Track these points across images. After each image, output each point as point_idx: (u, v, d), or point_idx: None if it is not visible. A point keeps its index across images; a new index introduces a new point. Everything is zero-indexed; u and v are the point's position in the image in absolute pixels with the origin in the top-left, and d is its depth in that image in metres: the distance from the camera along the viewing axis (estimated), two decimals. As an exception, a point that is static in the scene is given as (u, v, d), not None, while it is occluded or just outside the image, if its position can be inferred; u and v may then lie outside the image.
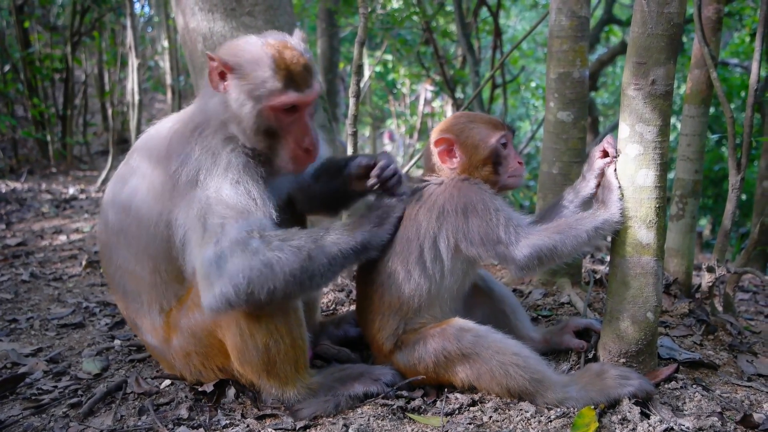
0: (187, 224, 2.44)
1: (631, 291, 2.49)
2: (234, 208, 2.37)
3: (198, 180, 2.44)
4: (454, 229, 2.52)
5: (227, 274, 2.30)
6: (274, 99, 2.48)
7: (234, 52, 2.53)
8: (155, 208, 2.54)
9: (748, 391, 2.54)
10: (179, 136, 2.56)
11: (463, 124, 2.69)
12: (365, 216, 2.58)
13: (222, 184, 2.42)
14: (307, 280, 2.37)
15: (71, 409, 2.70)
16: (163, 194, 2.52)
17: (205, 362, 2.66)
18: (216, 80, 2.52)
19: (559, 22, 3.37)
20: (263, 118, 2.50)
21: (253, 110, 2.49)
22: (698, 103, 3.49)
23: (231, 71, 2.48)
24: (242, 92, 2.49)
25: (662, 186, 2.43)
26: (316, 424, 2.44)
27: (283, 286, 2.33)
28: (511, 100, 15.16)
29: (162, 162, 2.54)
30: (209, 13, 4.35)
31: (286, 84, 2.48)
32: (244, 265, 2.29)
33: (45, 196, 7.85)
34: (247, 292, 2.30)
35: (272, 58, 2.47)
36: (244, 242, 2.31)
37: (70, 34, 9.49)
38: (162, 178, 2.53)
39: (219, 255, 2.31)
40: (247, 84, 2.48)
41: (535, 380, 2.42)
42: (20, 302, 4.16)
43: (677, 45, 2.37)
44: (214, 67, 2.50)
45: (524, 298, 3.55)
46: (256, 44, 2.53)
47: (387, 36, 11.09)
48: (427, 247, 2.55)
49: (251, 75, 2.47)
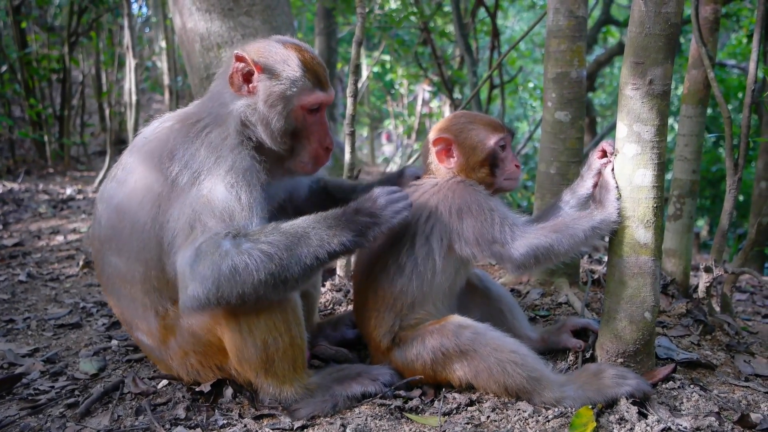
0: (177, 227, 2.43)
1: (628, 291, 2.49)
2: (219, 211, 2.36)
3: (197, 180, 2.43)
4: (447, 229, 2.53)
5: (198, 277, 2.28)
6: (305, 98, 2.54)
7: (259, 53, 2.54)
8: (150, 212, 2.52)
9: (746, 391, 2.54)
10: (182, 137, 2.54)
11: (462, 124, 2.69)
12: (351, 217, 2.43)
13: (217, 186, 2.40)
14: (280, 284, 2.32)
15: (68, 409, 2.70)
16: (161, 196, 2.50)
17: (203, 361, 2.65)
18: (239, 82, 2.54)
19: (556, 22, 3.37)
20: (292, 119, 2.55)
21: (284, 110, 2.53)
22: (696, 104, 3.50)
23: (261, 72, 2.51)
24: (273, 93, 2.52)
25: (660, 186, 2.43)
26: (314, 424, 2.44)
27: (253, 290, 2.29)
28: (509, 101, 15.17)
29: (162, 164, 2.52)
30: (207, 13, 4.35)
31: (314, 84, 2.55)
32: (213, 269, 2.26)
33: (42, 196, 7.83)
34: (217, 295, 2.28)
35: (299, 59, 2.54)
36: (215, 244, 2.29)
37: (68, 34, 9.47)
38: (160, 180, 2.51)
39: (193, 256, 2.30)
40: (279, 84, 2.51)
41: (532, 378, 2.42)
42: (17, 302, 4.15)
43: (675, 45, 2.38)
44: (241, 69, 2.52)
45: (522, 297, 3.55)
46: (277, 46, 2.57)
47: (385, 36, 11.08)
48: (419, 246, 2.55)
49: (282, 75, 2.51)
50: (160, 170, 2.51)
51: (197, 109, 2.68)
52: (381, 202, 2.44)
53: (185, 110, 2.74)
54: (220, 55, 4.38)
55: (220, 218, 2.35)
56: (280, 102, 2.53)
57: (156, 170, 2.53)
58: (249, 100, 2.54)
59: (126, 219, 2.58)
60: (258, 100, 2.53)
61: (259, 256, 2.27)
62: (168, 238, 2.46)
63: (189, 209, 2.40)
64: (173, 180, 2.47)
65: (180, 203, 2.44)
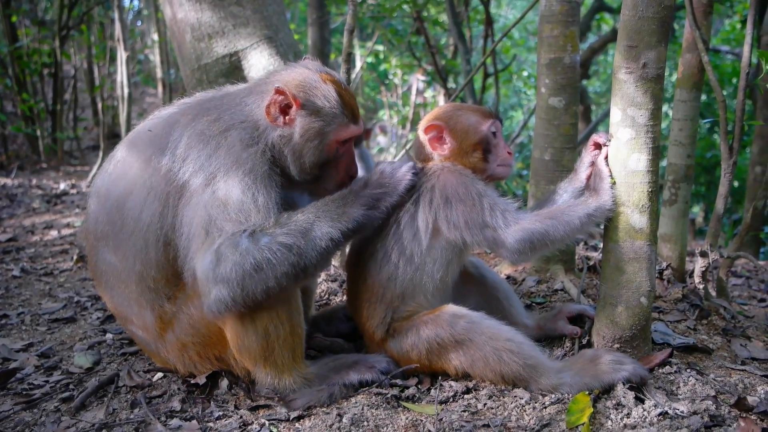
0: (191, 231, 2.42)
1: (624, 276, 2.48)
2: (235, 213, 2.36)
3: (212, 182, 2.41)
4: (434, 212, 2.52)
5: (221, 279, 2.29)
6: (341, 133, 2.59)
7: (299, 87, 2.55)
8: (155, 210, 2.49)
9: (742, 375, 2.54)
10: (197, 137, 2.50)
11: (451, 111, 2.71)
12: (359, 192, 2.50)
13: (233, 188, 2.39)
14: (300, 273, 2.36)
15: (63, 403, 2.69)
16: (168, 196, 2.48)
17: (201, 352, 2.64)
18: (275, 113, 2.54)
19: (549, 6, 3.35)
20: (325, 152, 2.59)
21: (320, 145, 2.57)
22: (690, 88, 3.48)
23: (300, 107, 2.53)
24: (312, 128, 2.55)
25: (654, 170, 2.42)
26: (310, 414, 2.44)
27: (276, 283, 2.32)
28: (503, 90, 15.13)
29: (172, 162, 2.49)
30: (197, 3, 4.30)
31: (350, 119, 2.60)
32: (236, 270, 2.27)
33: (36, 191, 7.79)
34: (243, 294, 2.30)
35: (338, 94, 2.58)
36: (234, 244, 2.29)
37: (58, 28, 9.40)
38: (167, 179, 2.48)
39: (214, 260, 2.30)
40: (318, 120, 2.55)
41: (529, 366, 2.42)
42: (11, 297, 4.13)
43: (668, 28, 2.36)
44: (279, 101, 2.52)
45: (518, 285, 3.54)
46: (315, 78, 2.59)
47: (378, 26, 11.04)
48: (405, 228, 2.55)
49: (322, 111, 2.55)
50: (170, 170, 2.48)
51: (210, 107, 2.63)
52: (387, 171, 2.52)
53: (192, 105, 2.69)
54: (212, 45, 4.35)
55: (236, 220, 2.35)
56: (317, 137, 2.56)
57: (163, 170, 2.49)
58: (283, 131, 2.55)
59: (127, 216, 2.55)
60: (294, 132, 2.55)
61: (279, 249, 2.29)
62: (181, 242, 2.46)
63: (203, 212, 2.39)
64: (185, 181, 2.45)
65: (193, 205, 2.42)
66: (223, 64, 4.36)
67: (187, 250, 2.44)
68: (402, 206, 2.56)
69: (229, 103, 2.63)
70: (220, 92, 2.77)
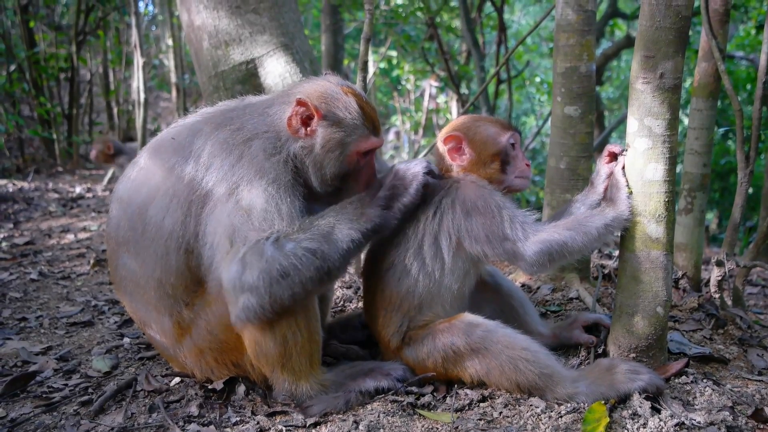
0: (214, 241, 2.44)
1: (640, 286, 2.48)
2: (259, 222, 2.38)
3: (235, 191, 2.44)
4: (456, 227, 2.53)
5: (248, 288, 2.31)
6: (362, 144, 2.61)
7: (320, 98, 2.58)
8: (178, 219, 2.51)
9: (759, 385, 2.53)
10: (220, 145, 2.53)
11: (470, 122, 2.73)
12: (374, 194, 2.54)
13: (257, 198, 2.41)
14: (325, 276, 2.38)
15: (82, 407, 2.71)
16: (192, 204, 2.50)
17: (218, 358, 2.66)
18: (297, 125, 2.56)
19: (565, 16, 3.36)
20: (346, 163, 2.61)
21: (341, 156, 2.59)
22: (706, 96, 3.47)
23: (322, 118, 2.55)
24: (333, 139, 2.57)
25: (671, 180, 2.42)
26: (326, 420, 2.45)
27: (302, 288, 2.34)
28: (516, 96, 15.12)
29: (195, 171, 2.51)
30: (214, 11, 4.35)
31: (371, 130, 2.63)
32: (263, 277, 2.29)
33: (52, 195, 7.87)
34: (270, 301, 2.32)
35: (359, 106, 2.60)
36: (259, 252, 2.31)
37: (75, 33, 9.51)
38: (191, 187, 2.50)
39: (240, 269, 2.32)
40: (339, 131, 2.57)
41: (544, 375, 2.42)
42: (29, 301, 4.18)
43: (685, 38, 2.36)
44: (301, 112, 2.55)
45: (533, 293, 3.55)
46: (337, 90, 2.62)
47: (391, 32, 11.07)
48: (427, 244, 2.56)
49: (343, 123, 2.57)
50: (193, 179, 2.51)
51: (233, 117, 2.65)
52: (400, 172, 2.56)
53: (215, 115, 2.71)
54: (228, 52, 4.39)
55: (260, 229, 2.37)
56: (338, 148, 2.58)
57: (186, 178, 2.52)
58: (305, 142, 2.57)
59: (149, 223, 2.57)
60: (315, 143, 2.57)
61: (304, 254, 2.32)
62: (205, 251, 2.48)
63: (227, 221, 2.41)
64: (209, 190, 2.48)
65: (217, 214, 2.44)
66: (240, 71, 4.40)
67: (211, 260, 2.46)
68: (422, 217, 2.57)
69: (252, 113, 2.65)
70: (242, 102, 2.79)
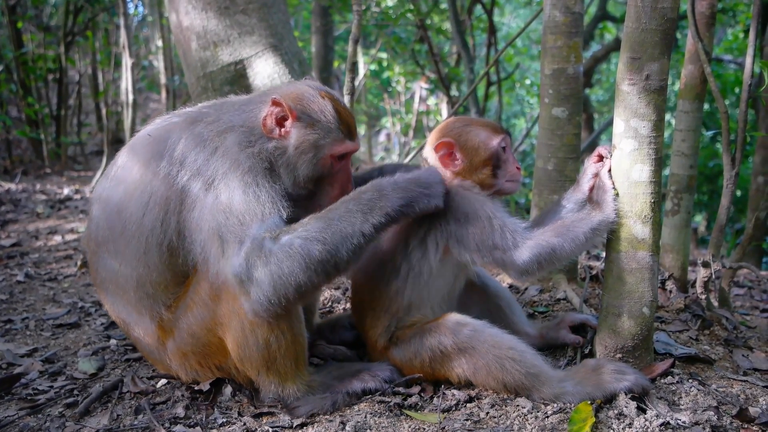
0: (201, 238, 2.44)
1: (626, 286, 2.49)
2: (242, 213, 2.37)
3: (212, 186, 2.43)
4: (445, 234, 2.54)
5: (256, 282, 2.31)
6: (336, 148, 2.60)
7: (295, 99, 2.57)
8: (157, 216, 2.50)
9: (744, 386, 2.54)
10: (194, 141, 2.52)
11: (460, 127, 2.69)
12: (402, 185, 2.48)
13: (234, 191, 2.40)
14: (332, 269, 2.37)
15: (67, 409, 2.70)
16: (169, 201, 2.49)
17: (202, 361, 2.65)
18: (272, 125, 2.55)
19: (553, 18, 3.37)
20: (320, 166, 2.60)
21: (314, 158, 2.58)
22: (692, 99, 3.50)
23: (296, 119, 2.55)
24: (306, 140, 2.56)
25: (657, 181, 2.43)
26: (313, 421, 2.44)
27: (308, 280, 2.33)
28: (506, 98, 15.17)
29: (170, 167, 2.50)
30: (203, 12, 4.34)
31: (346, 134, 2.61)
32: (267, 272, 2.30)
33: (39, 196, 7.81)
34: (277, 295, 2.32)
35: (334, 109, 2.59)
36: (260, 247, 2.31)
37: (64, 34, 9.45)
38: (167, 184, 2.49)
39: (245, 265, 2.32)
40: (313, 133, 2.56)
41: (531, 375, 2.42)
42: (15, 303, 4.15)
43: (671, 40, 2.38)
44: (276, 113, 2.54)
45: (520, 294, 3.56)
46: (313, 93, 2.61)
47: (381, 34, 11.08)
48: (415, 246, 2.57)
49: (318, 125, 2.56)
50: (168, 174, 2.49)
51: (209, 112, 2.65)
52: (423, 177, 2.53)
53: (192, 111, 2.71)
54: (217, 53, 4.38)
55: (244, 221, 2.36)
56: (311, 150, 2.57)
57: (162, 173, 2.51)
58: (279, 143, 2.56)
59: (127, 221, 2.55)
60: (289, 144, 2.56)
61: (308, 248, 2.31)
62: (194, 249, 2.47)
63: (210, 217, 2.40)
64: (184, 186, 2.47)
65: (197, 212, 2.44)
66: (229, 72, 4.40)
67: (205, 257, 2.45)
68: (412, 221, 2.57)
69: (228, 109, 2.65)
70: (221, 100, 2.80)
